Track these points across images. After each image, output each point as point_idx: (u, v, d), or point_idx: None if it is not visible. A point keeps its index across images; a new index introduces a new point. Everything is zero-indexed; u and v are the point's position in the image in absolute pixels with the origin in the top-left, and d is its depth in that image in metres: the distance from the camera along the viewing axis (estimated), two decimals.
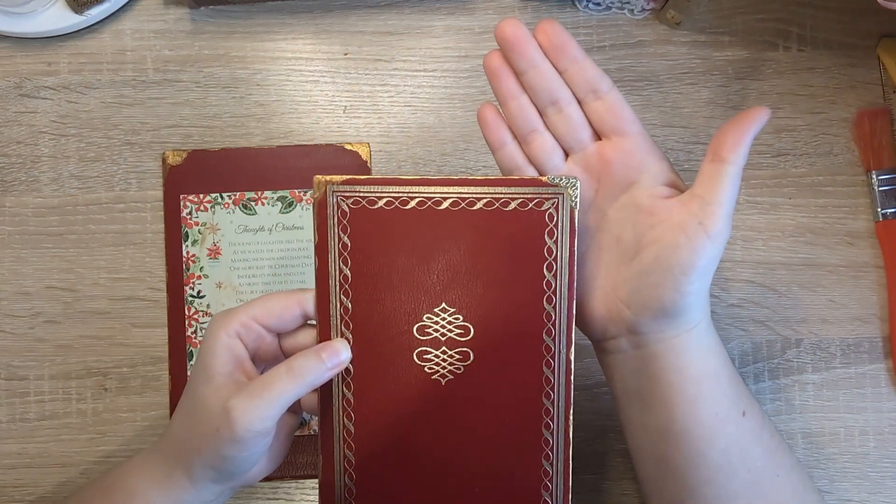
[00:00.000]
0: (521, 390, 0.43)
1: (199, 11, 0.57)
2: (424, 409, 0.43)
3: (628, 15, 0.57)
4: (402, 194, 0.42)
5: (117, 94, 0.56)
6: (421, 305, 0.43)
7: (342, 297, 0.43)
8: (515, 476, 0.43)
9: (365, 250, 0.42)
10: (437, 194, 0.42)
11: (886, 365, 0.55)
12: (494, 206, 0.42)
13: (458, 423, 0.43)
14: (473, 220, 0.42)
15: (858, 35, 0.57)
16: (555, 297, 0.42)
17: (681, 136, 0.56)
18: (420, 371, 0.43)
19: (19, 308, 0.55)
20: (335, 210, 0.42)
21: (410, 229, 0.42)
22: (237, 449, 0.40)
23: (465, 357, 0.43)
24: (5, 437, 0.55)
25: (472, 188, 0.42)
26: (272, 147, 0.56)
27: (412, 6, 0.57)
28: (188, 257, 0.55)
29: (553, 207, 0.42)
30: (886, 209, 0.55)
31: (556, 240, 0.42)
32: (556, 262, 0.42)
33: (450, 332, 0.43)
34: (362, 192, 0.42)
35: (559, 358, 0.43)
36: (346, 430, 0.44)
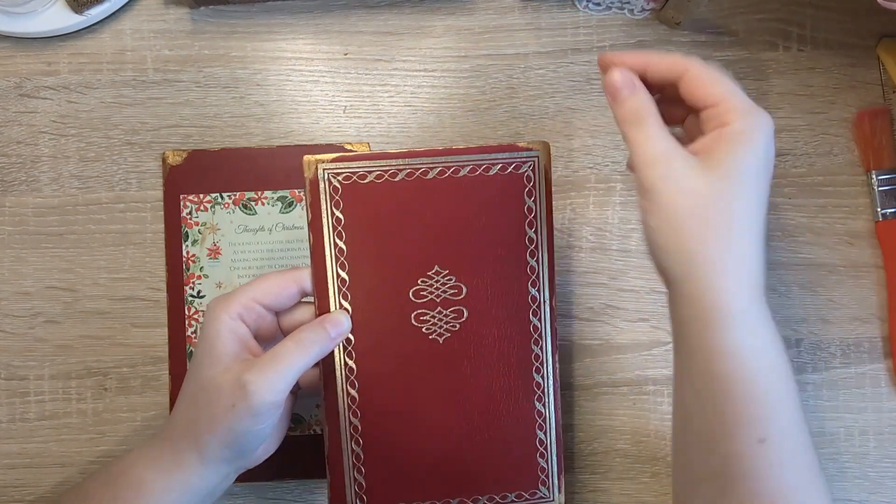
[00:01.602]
0: (513, 340, 0.46)
1: (199, 11, 0.57)
2: (425, 368, 0.46)
3: (628, 15, 0.57)
4: (391, 167, 0.45)
5: (117, 94, 0.56)
6: (415, 270, 0.45)
7: (339, 270, 0.45)
8: (512, 420, 0.47)
9: (358, 223, 0.45)
10: (423, 165, 0.45)
11: (886, 365, 0.55)
12: (477, 173, 0.45)
13: (457, 377, 0.46)
14: (459, 187, 0.45)
15: (858, 35, 0.57)
16: (537, 251, 0.46)
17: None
18: (418, 332, 0.46)
19: (19, 308, 0.55)
20: (327, 186, 0.45)
21: (400, 200, 0.45)
22: (254, 422, 0.41)
23: (459, 315, 0.46)
24: (5, 437, 0.55)
25: (455, 157, 0.45)
26: (272, 147, 0.56)
27: (412, 6, 0.57)
28: (188, 257, 0.55)
29: (530, 170, 0.45)
30: (886, 209, 0.55)
31: (535, 199, 0.46)
32: (536, 220, 0.46)
33: (444, 292, 0.46)
34: (352, 167, 0.45)
35: (544, 307, 0.46)
36: (351, 398, 0.46)
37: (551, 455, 0.48)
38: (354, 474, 0.47)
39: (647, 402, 0.55)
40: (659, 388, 0.55)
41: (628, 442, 0.54)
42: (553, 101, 0.56)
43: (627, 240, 0.56)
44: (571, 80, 0.56)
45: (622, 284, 0.55)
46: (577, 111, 0.56)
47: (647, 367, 0.55)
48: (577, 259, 0.56)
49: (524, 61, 0.57)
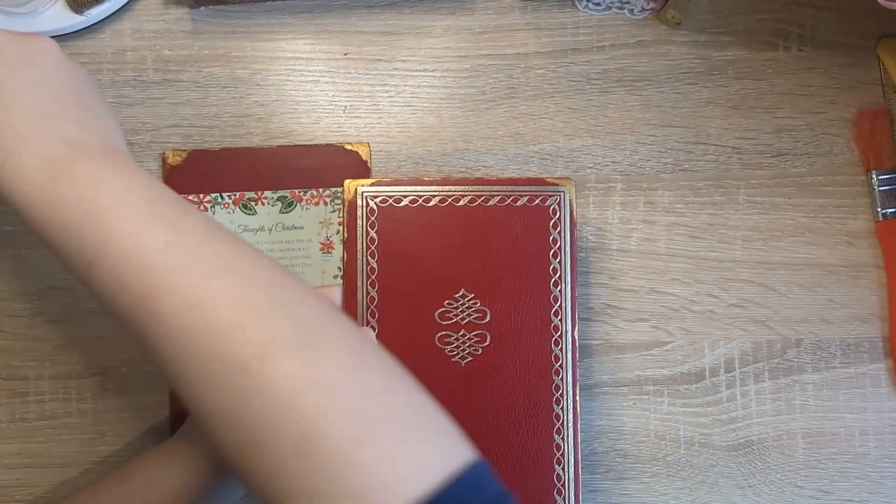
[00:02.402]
0: (534, 368, 0.47)
1: (199, 11, 0.57)
2: (445, 390, 0.46)
3: (628, 15, 0.57)
4: (426, 193, 0.48)
5: (117, 94, 0.56)
6: (442, 292, 0.47)
7: (369, 288, 0.47)
8: (529, 449, 0.47)
9: (390, 244, 0.47)
10: (455, 192, 0.48)
11: (886, 365, 0.55)
12: (506, 203, 0.48)
13: (477, 400, 0.47)
14: (488, 215, 0.48)
15: (858, 35, 0.57)
16: (560, 281, 0.48)
17: (681, 135, 0.56)
18: (441, 353, 0.47)
19: (19, 308, 0.55)
20: (364, 209, 0.48)
21: (432, 224, 0.48)
22: None
23: (482, 339, 0.47)
24: (5, 437, 0.54)
25: (486, 187, 0.48)
26: (272, 147, 0.56)
27: (412, 6, 0.57)
28: None
29: (556, 203, 0.48)
30: (886, 209, 0.55)
31: (560, 231, 0.48)
32: (561, 251, 0.48)
33: (468, 315, 0.47)
34: (388, 191, 0.48)
35: (566, 337, 0.48)
36: None
37: (568, 492, 0.47)
38: None
39: (647, 402, 0.55)
40: (659, 388, 0.55)
41: (628, 442, 0.54)
42: (553, 101, 0.56)
43: (627, 240, 0.56)
44: (571, 80, 0.57)
45: (622, 284, 0.55)
46: (577, 111, 0.56)
47: (647, 367, 0.55)
48: (577, 259, 0.56)
49: (524, 61, 0.57)
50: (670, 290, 0.55)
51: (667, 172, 0.56)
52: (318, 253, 0.55)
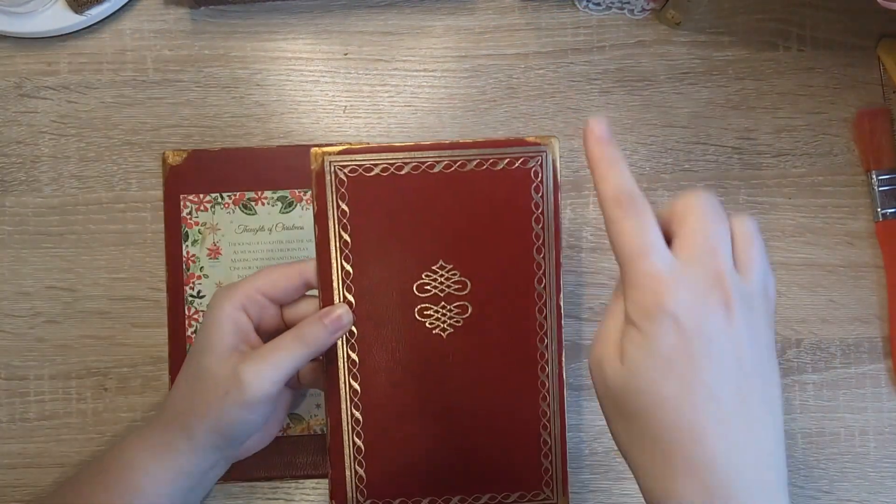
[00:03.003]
0: (518, 337, 0.46)
1: (199, 11, 0.57)
2: (428, 363, 0.46)
3: (628, 15, 0.57)
4: (397, 160, 0.45)
5: (117, 94, 0.56)
6: (419, 264, 0.45)
7: (343, 263, 0.45)
8: (515, 419, 0.46)
9: (363, 216, 0.45)
10: (429, 158, 0.45)
11: (886, 365, 0.55)
12: (484, 167, 0.45)
13: (461, 373, 0.46)
14: (465, 181, 0.45)
15: (858, 35, 0.57)
16: (544, 247, 0.45)
17: (681, 136, 0.56)
18: (422, 327, 0.45)
19: (19, 308, 0.55)
20: (333, 179, 0.44)
21: (406, 193, 0.45)
22: (245, 412, 0.42)
23: (463, 310, 0.45)
24: (5, 437, 0.55)
25: (462, 151, 0.45)
26: (272, 147, 0.56)
27: (412, 6, 0.57)
28: (188, 257, 0.55)
29: (538, 165, 0.45)
30: (886, 209, 0.55)
31: (542, 195, 0.45)
32: (543, 216, 0.45)
33: (448, 287, 0.45)
34: (358, 160, 0.44)
35: (550, 304, 0.45)
36: (353, 391, 0.46)
37: (555, 456, 0.47)
38: (355, 467, 0.46)
39: None
40: None
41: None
42: (553, 101, 0.56)
43: None
44: (571, 80, 0.57)
45: None
46: (577, 111, 0.56)
47: None
48: (577, 259, 0.56)
49: (524, 61, 0.57)
50: None
51: (667, 172, 0.56)
52: None
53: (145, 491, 0.43)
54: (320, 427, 0.54)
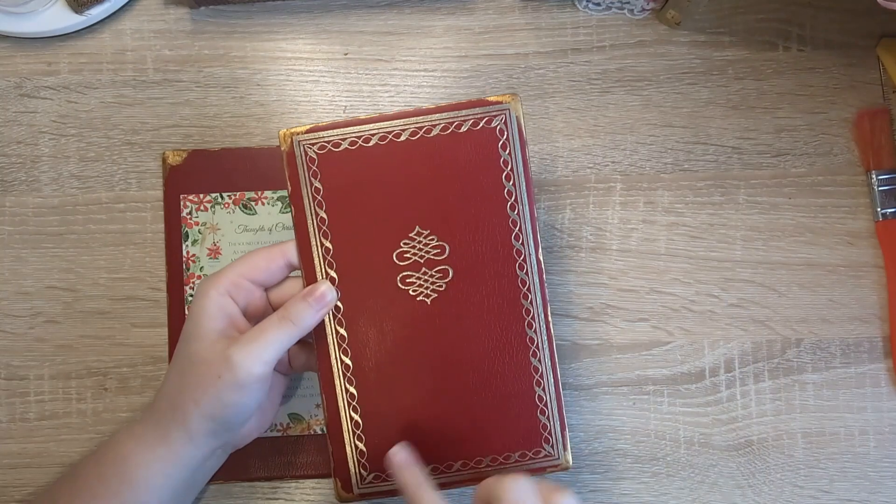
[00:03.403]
0: (501, 295, 0.46)
1: (199, 11, 0.57)
2: (416, 331, 0.46)
3: (628, 15, 0.57)
4: (363, 133, 0.45)
5: (117, 94, 0.56)
6: (396, 233, 0.46)
7: (322, 240, 0.46)
8: (508, 377, 0.47)
9: (337, 191, 0.46)
10: (395, 128, 0.45)
11: (886, 365, 0.55)
12: (449, 130, 0.46)
13: (449, 336, 0.46)
14: (432, 146, 0.45)
15: (858, 35, 0.57)
16: (517, 203, 0.46)
17: (681, 136, 0.56)
18: (405, 295, 0.46)
19: (19, 308, 0.55)
20: (303, 158, 0.45)
21: (375, 164, 0.45)
22: (238, 394, 0.42)
23: (444, 274, 0.46)
24: (5, 437, 0.55)
25: (426, 116, 0.45)
26: (272, 147, 0.56)
27: (412, 6, 0.57)
28: (188, 257, 0.55)
29: (502, 123, 0.46)
30: (886, 209, 0.55)
31: (510, 151, 0.46)
32: (514, 173, 0.46)
33: (427, 253, 0.46)
34: (326, 136, 0.45)
35: (530, 259, 0.46)
36: (345, 366, 0.46)
37: (552, 411, 0.47)
38: (355, 442, 0.47)
39: (647, 402, 0.55)
40: (659, 388, 0.55)
41: (628, 442, 0.54)
42: (553, 101, 0.56)
43: (627, 240, 0.56)
44: (571, 80, 0.57)
45: (622, 284, 0.55)
46: (577, 111, 0.56)
47: (647, 367, 0.55)
48: (577, 259, 0.56)
49: (524, 61, 0.57)
50: (670, 290, 0.55)
51: (667, 172, 0.56)
52: None
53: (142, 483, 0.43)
54: (320, 427, 0.54)
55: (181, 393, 0.43)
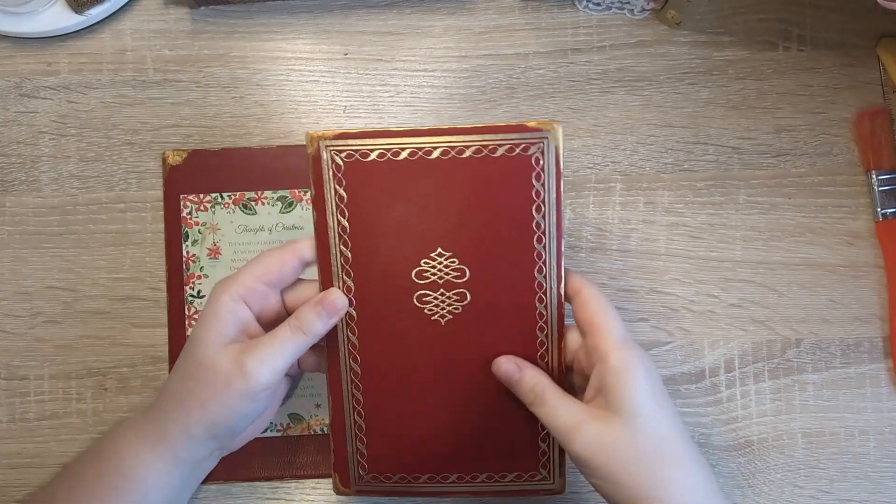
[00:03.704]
0: (517, 326, 0.45)
1: (199, 11, 0.57)
2: (426, 349, 0.46)
3: (628, 15, 0.57)
4: (394, 145, 0.44)
5: (117, 94, 0.56)
6: (418, 251, 0.45)
7: (342, 248, 0.45)
8: (514, 404, 0.46)
9: (361, 201, 0.44)
10: (427, 144, 0.44)
11: (886, 365, 0.55)
12: (483, 153, 0.44)
13: (459, 359, 0.46)
14: (463, 168, 0.44)
15: (858, 35, 0.57)
16: (545, 237, 0.44)
17: (681, 136, 0.56)
18: (420, 313, 0.45)
19: (19, 308, 0.55)
20: (329, 164, 0.44)
21: (403, 179, 0.44)
22: (247, 401, 0.42)
23: (462, 298, 0.45)
24: (5, 437, 0.55)
25: (460, 137, 0.43)
26: (272, 147, 0.56)
27: (412, 6, 0.57)
28: (188, 257, 0.55)
29: (539, 151, 0.43)
30: (886, 209, 0.55)
31: (544, 182, 0.44)
32: (545, 204, 0.44)
33: (446, 275, 0.45)
34: (355, 145, 0.44)
35: (550, 294, 0.45)
36: (353, 372, 0.46)
37: (552, 439, 0.47)
38: (357, 444, 0.47)
39: None
40: None
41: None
42: (553, 101, 0.56)
43: (627, 240, 0.56)
44: (571, 80, 0.57)
45: (622, 284, 0.55)
46: (577, 111, 0.56)
47: None
48: (577, 259, 0.56)
49: (524, 61, 0.57)
50: (670, 290, 0.55)
51: (667, 172, 0.56)
52: None
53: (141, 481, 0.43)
54: (320, 427, 0.54)
55: (187, 397, 0.43)
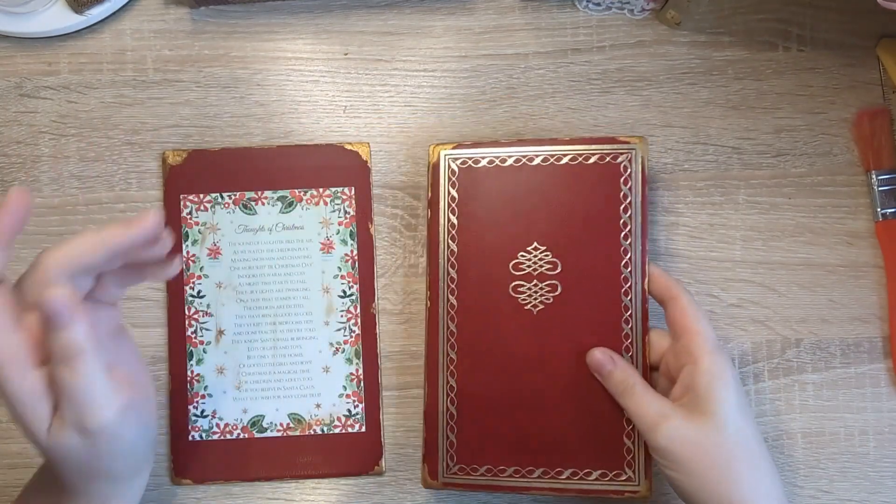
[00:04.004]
0: (603, 317, 0.50)
1: (199, 11, 0.57)
2: (519, 336, 0.50)
3: (628, 15, 0.57)
4: (502, 154, 0.51)
5: (117, 94, 0.56)
6: (516, 245, 0.51)
7: (449, 242, 0.51)
8: (601, 397, 0.49)
9: (469, 201, 0.51)
10: (529, 153, 0.51)
11: (886, 365, 0.55)
12: (578, 161, 0.51)
13: (549, 348, 0.50)
14: (560, 173, 0.51)
15: (858, 35, 0.57)
16: (631, 235, 0.50)
17: (681, 136, 0.56)
18: (515, 302, 0.50)
19: None
20: (446, 170, 0.52)
21: (508, 182, 0.51)
22: (83, 434, 0.38)
23: (553, 289, 0.50)
24: (6, 436, 0.54)
25: (559, 147, 0.51)
26: (272, 147, 0.56)
27: (412, 6, 0.57)
28: (188, 257, 0.55)
29: (627, 160, 0.50)
30: (886, 209, 0.55)
31: (631, 187, 0.50)
32: (632, 206, 0.50)
33: (540, 267, 0.50)
34: (468, 154, 0.52)
35: (636, 287, 0.50)
36: (450, 359, 0.51)
37: (637, 437, 0.49)
38: (447, 433, 0.50)
39: None
40: None
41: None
42: (553, 101, 0.56)
43: None
44: (571, 80, 0.57)
45: None
46: (577, 111, 0.56)
47: None
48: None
49: (524, 61, 0.57)
50: None
51: (667, 172, 0.56)
52: (318, 253, 0.55)
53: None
54: (321, 427, 0.54)
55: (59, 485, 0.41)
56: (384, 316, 0.55)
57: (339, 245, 0.55)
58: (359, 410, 0.54)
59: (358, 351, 0.54)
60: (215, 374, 0.54)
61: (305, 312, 0.55)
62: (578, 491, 0.49)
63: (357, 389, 0.54)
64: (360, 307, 0.55)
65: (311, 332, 0.54)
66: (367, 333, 0.54)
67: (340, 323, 0.55)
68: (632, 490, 0.49)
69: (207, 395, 0.54)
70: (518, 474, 0.50)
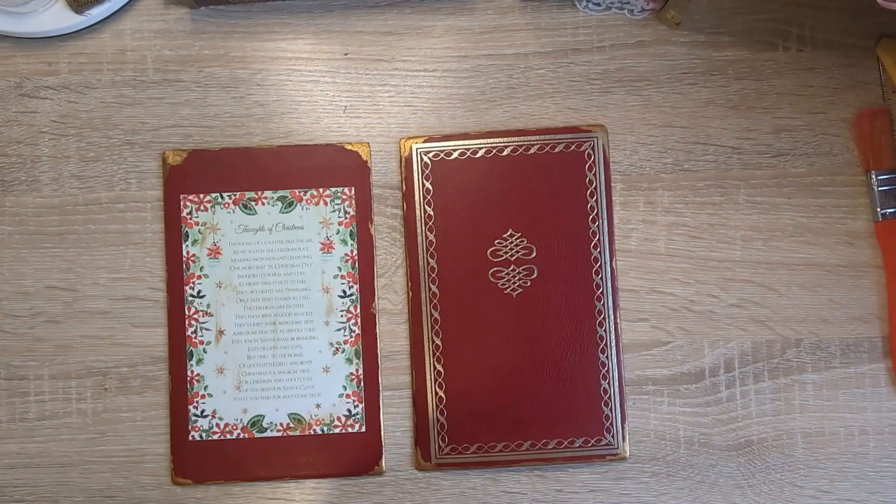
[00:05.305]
0: (578, 295, 0.53)
1: (199, 11, 0.57)
2: (500, 319, 0.53)
3: (628, 15, 0.57)
4: (472, 146, 0.54)
5: (117, 94, 0.56)
6: (492, 233, 0.54)
7: (427, 233, 0.54)
8: (578, 369, 0.53)
9: (444, 193, 0.54)
10: (499, 144, 0.54)
11: (886, 365, 0.55)
12: (545, 150, 0.54)
13: (529, 328, 0.53)
14: (529, 162, 0.54)
15: (858, 35, 0.57)
16: (598, 217, 0.54)
17: (681, 136, 0.56)
18: (494, 287, 0.53)
19: (19, 308, 0.55)
20: (419, 163, 0.54)
21: (480, 172, 0.54)
22: None
23: (530, 272, 0.53)
24: (5, 437, 0.55)
25: (526, 137, 0.54)
26: (272, 147, 0.56)
27: (412, 6, 0.57)
28: (188, 257, 0.55)
29: (590, 148, 0.54)
30: (886, 209, 0.55)
31: (595, 172, 0.54)
32: (597, 191, 0.54)
33: (517, 252, 0.53)
34: (439, 147, 0.54)
35: (605, 266, 0.54)
36: (435, 346, 0.53)
37: (615, 404, 0.53)
38: (437, 415, 0.53)
39: (647, 402, 0.55)
40: (659, 388, 0.55)
41: (628, 442, 0.54)
42: (553, 101, 0.56)
43: (627, 240, 0.56)
44: (571, 80, 0.57)
45: (622, 284, 0.55)
46: (577, 111, 0.56)
47: (647, 367, 0.55)
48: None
49: (524, 61, 0.57)
50: (670, 290, 0.55)
51: (667, 172, 0.56)
52: (318, 253, 0.55)
53: None
54: (321, 427, 0.54)
55: None
56: (384, 316, 0.55)
57: (339, 245, 0.55)
58: (359, 410, 0.54)
59: (358, 351, 0.54)
60: (215, 374, 0.54)
61: (305, 312, 0.55)
62: (565, 459, 0.53)
63: (357, 389, 0.54)
64: (360, 307, 0.55)
65: (311, 332, 0.54)
66: (367, 333, 0.55)
67: (340, 323, 0.55)
68: (612, 453, 0.53)
69: (207, 395, 0.54)
70: (508, 449, 0.53)
